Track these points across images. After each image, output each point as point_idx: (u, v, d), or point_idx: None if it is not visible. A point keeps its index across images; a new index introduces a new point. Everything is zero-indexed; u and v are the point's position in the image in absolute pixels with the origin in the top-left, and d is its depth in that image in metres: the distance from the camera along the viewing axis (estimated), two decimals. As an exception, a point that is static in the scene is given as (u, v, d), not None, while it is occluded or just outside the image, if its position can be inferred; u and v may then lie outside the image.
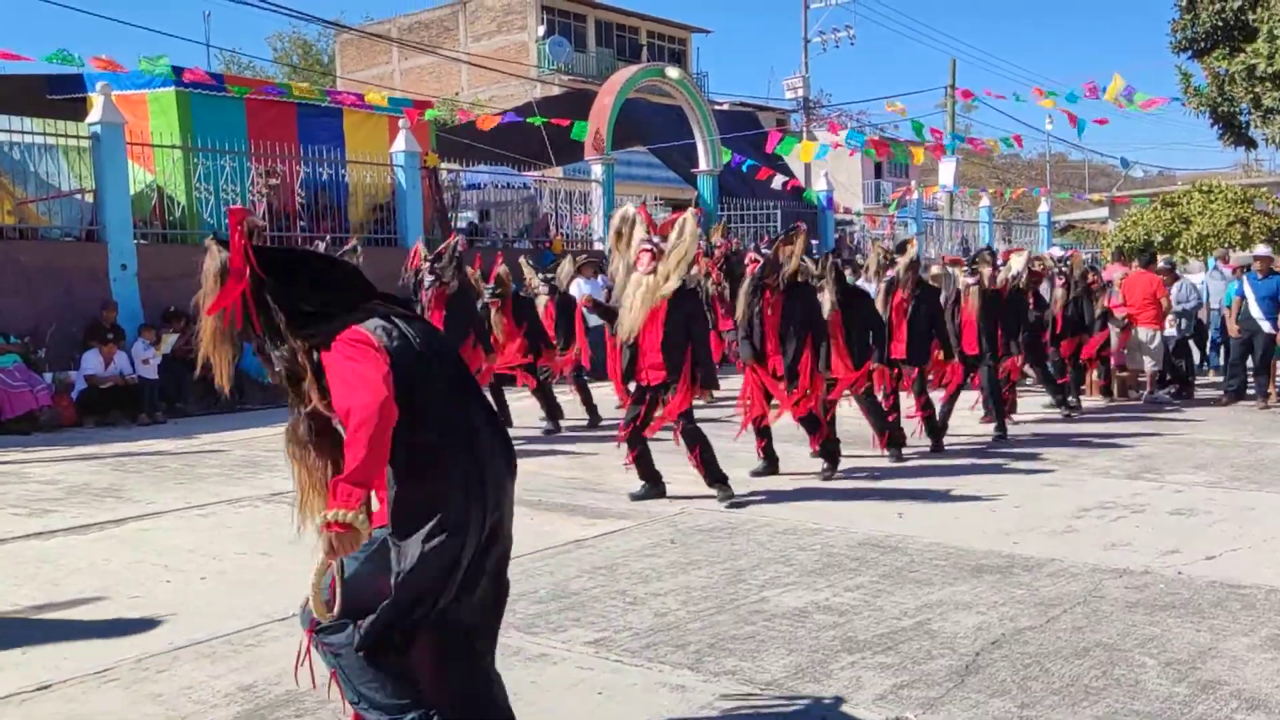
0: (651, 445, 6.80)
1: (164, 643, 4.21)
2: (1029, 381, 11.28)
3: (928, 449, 8.55)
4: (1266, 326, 11.22)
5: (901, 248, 8.91)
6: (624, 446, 6.74)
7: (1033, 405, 10.94)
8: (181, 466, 8.35)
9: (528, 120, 17.99)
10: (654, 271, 6.28)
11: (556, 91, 29.66)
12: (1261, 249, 12.38)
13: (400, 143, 15.11)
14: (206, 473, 8.05)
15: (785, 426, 7.81)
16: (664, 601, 4.68)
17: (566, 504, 6.76)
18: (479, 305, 9.47)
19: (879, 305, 8.32)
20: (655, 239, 6.35)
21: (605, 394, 10.83)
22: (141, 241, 12.60)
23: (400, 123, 15.21)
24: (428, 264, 8.75)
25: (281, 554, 5.65)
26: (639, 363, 6.52)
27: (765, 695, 3.61)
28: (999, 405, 9.32)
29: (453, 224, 16.27)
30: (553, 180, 19.51)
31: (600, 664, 3.94)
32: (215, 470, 8.15)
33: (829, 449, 7.50)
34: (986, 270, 9.18)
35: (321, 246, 8.31)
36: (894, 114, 22.37)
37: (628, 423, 6.68)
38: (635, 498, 6.79)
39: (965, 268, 9.38)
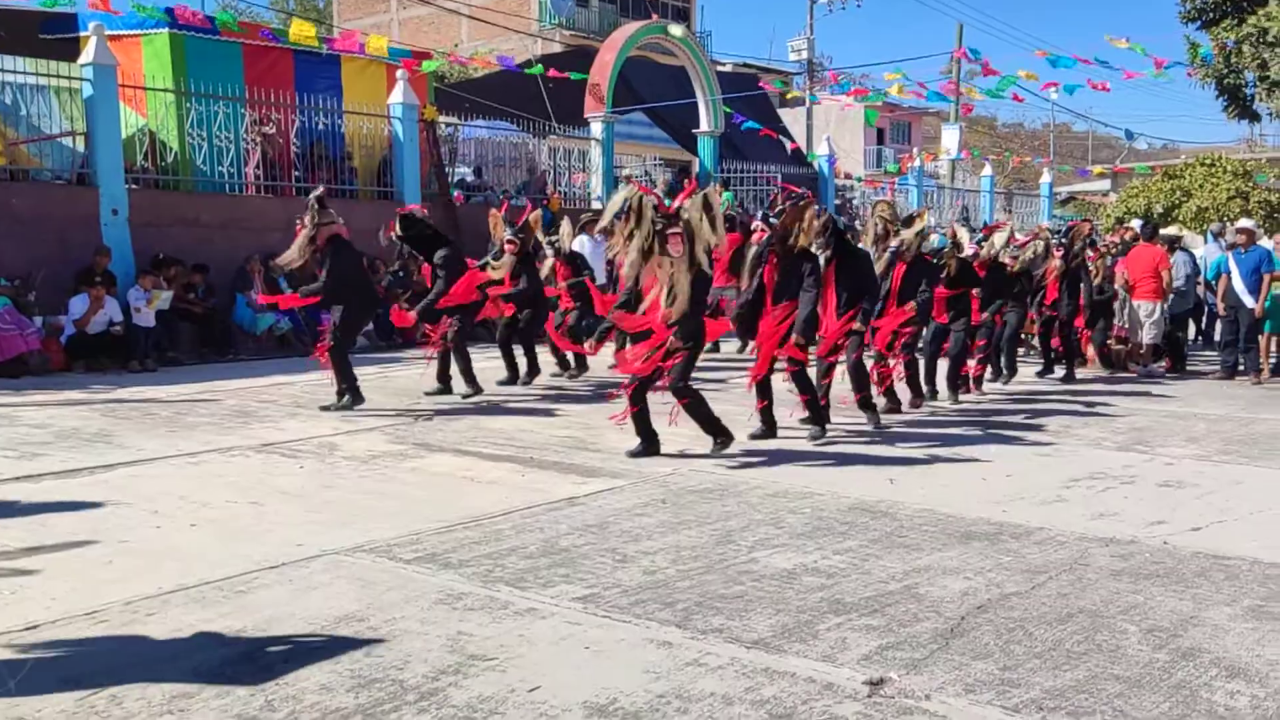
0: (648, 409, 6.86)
1: (153, 586, 4.21)
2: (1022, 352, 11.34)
3: (917, 415, 8.58)
4: (1249, 301, 11.15)
5: (909, 221, 8.87)
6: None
7: (1025, 374, 10.97)
8: (172, 415, 8.34)
9: (525, 71, 17.79)
10: (684, 253, 6.51)
11: (558, 48, 29.33)
12: (1244, 222, 12.28)
13: (398, 94, 14.93)
14: (197, 421, 8.03)
15: (782, 391, 7.81)
16: (653, 560, 4.70)
17: (560, 462, 6.77)
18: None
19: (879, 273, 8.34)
20: (679, 223, 6.50)
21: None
22: (133, 187, 12.49)
23: (398, 74, 15.01)
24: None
25: (273, 503, 5.66)
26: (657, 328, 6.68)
27: (751, 654, 3.63)
28: (956, 373, 9.41)
29: (450, 179, 16.15)
30: (551, 137, 19.35)
31: (588, 619, 3.96)
32: (206, 419, 8.14)
33: (816, 411, 7.52)
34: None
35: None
36: (897, 79, 22.11)
37: (632, 381, 6.80)
38: (633, 455, 6.82)
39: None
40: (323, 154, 14.34)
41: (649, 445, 6.89)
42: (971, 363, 9.93)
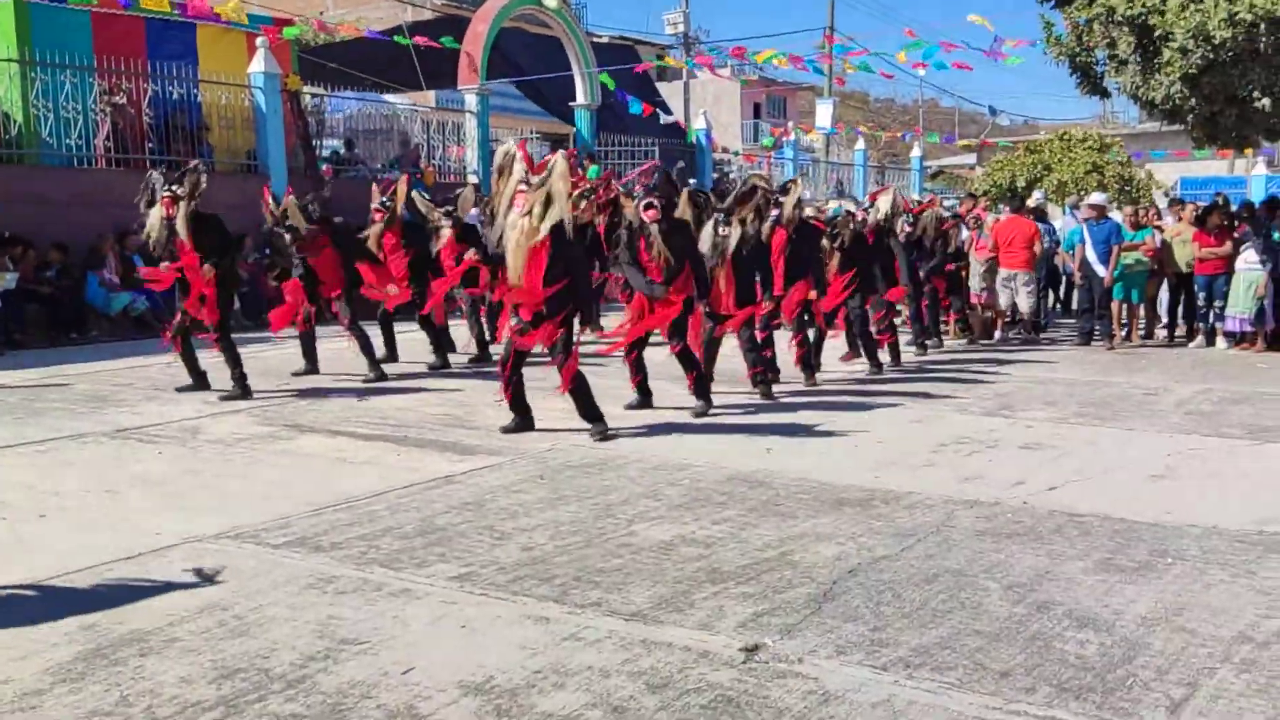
0: (523, 384, 6.78)
1: (-4, 584, 3.96)
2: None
3: (798, 385, 8.74)
4: (1100, 270, 11.79)
5: (785, 189, 8.98)
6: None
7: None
8: (19, 401, 7.85)
9: (395, 39, 17.29)
10: (529, 213, 6.27)
11: (429, 16, 28.59)
12: (1096, 197, 12.96)
13: (258, 63, 14.31)
14: (46, 407, 7.58)
15: (661, 365, 7.84)
16: (531, 536, 4.66)
17: (437, 440, 6.64)
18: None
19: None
20: (532, 179, 6.31)
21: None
22: (-28, 161, 11.68)
23: (258, 41, 14.38)
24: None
25: (129, 490, 5.39)
26: (522, 300, 6.49)
27: (629, 625, 3.64)
28: (870, 343, 9.58)
29: (317, 153, 15.61)
30: (425, 109, 18.89)
31: (465, 598, 3.89)
32: (56, 404, 7.69)
33: (704, 387, 7.56)
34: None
35: (156, 175, 7.90)
36: (772, 51, 22.35)
37: (505, 357, 6.68)
38: (506, 431, 6.75)
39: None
40: (179, 125, 13.66)
41: (524, 420, 6.82)
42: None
